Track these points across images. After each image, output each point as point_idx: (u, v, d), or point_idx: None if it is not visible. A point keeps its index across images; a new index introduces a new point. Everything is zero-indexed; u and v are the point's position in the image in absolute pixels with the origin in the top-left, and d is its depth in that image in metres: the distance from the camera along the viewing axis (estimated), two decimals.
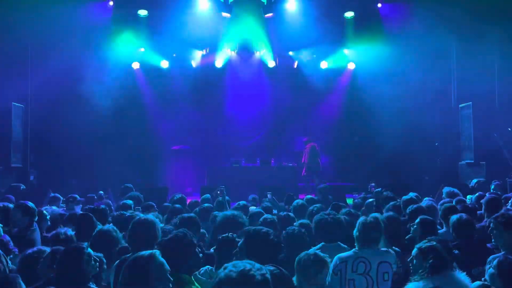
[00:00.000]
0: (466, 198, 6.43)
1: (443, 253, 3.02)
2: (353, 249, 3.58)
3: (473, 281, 3.08)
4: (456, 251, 3.41)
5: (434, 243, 3.09)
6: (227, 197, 6.31)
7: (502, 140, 10.75)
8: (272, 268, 2.50)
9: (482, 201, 5.38)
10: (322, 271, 3.09)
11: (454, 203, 5.43)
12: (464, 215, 4.13)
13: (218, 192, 6.28)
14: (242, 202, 5.98)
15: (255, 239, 2.68)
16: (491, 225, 3.62)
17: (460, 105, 12.22)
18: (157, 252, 2.54)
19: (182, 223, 4.06)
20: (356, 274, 3.41)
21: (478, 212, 5.53)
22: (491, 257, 3.37)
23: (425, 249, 3.04)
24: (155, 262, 2.48)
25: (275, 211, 5.88)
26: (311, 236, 4.08)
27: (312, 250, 3.96)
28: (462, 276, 2.94)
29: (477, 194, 6.43)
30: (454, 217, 4.12)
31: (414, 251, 3.12)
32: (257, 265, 1.82)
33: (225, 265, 1.83)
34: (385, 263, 3.49)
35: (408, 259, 3.18)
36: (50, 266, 3.10)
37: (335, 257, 3.49)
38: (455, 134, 12.37)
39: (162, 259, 2.51)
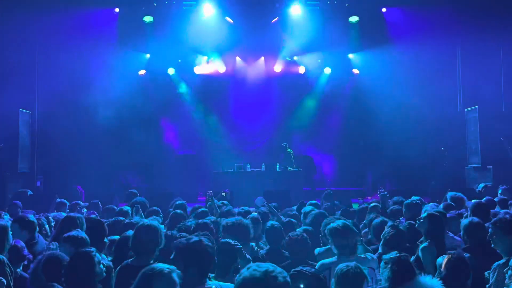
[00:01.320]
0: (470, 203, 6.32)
1: (407, 263, 2.98)
2: (336, 256, 3.58)
3: (483, 285, 3.06)
4: (467, 255, 3.37)
5: (399, 254, 3.06)
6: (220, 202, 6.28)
7: (509, 144, 10.66)
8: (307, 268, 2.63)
9: (468, 205, 5.28)
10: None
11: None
12: (475, 218, 4.06)
13: (223, 194, 6.27)
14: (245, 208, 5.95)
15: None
16: (489, 230, 3.56)
17: (466, 109, 12.15)
18: (175, 272, 2.39)
19: (197, 229, 4.06)
20: None
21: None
22: (495, 264, 3.34)
23: (390, 260, 3.00)
24: (170, 281, 2.36)
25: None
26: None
27: (316, 251, 4.00)
28: (427, 280, 2.89)
29: (484, 198, 6.33)
30: (465, 221, 4.06)
31: (382, 263, 3.09)
32: (279, 268, 1.89)
33: (248, 265, 1.91)
34: (368, 269, 3.43)
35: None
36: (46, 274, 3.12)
37: (318, 264, 3.51)
38: (461, 138, 12.28)
39: (177, 280, 2.39)
